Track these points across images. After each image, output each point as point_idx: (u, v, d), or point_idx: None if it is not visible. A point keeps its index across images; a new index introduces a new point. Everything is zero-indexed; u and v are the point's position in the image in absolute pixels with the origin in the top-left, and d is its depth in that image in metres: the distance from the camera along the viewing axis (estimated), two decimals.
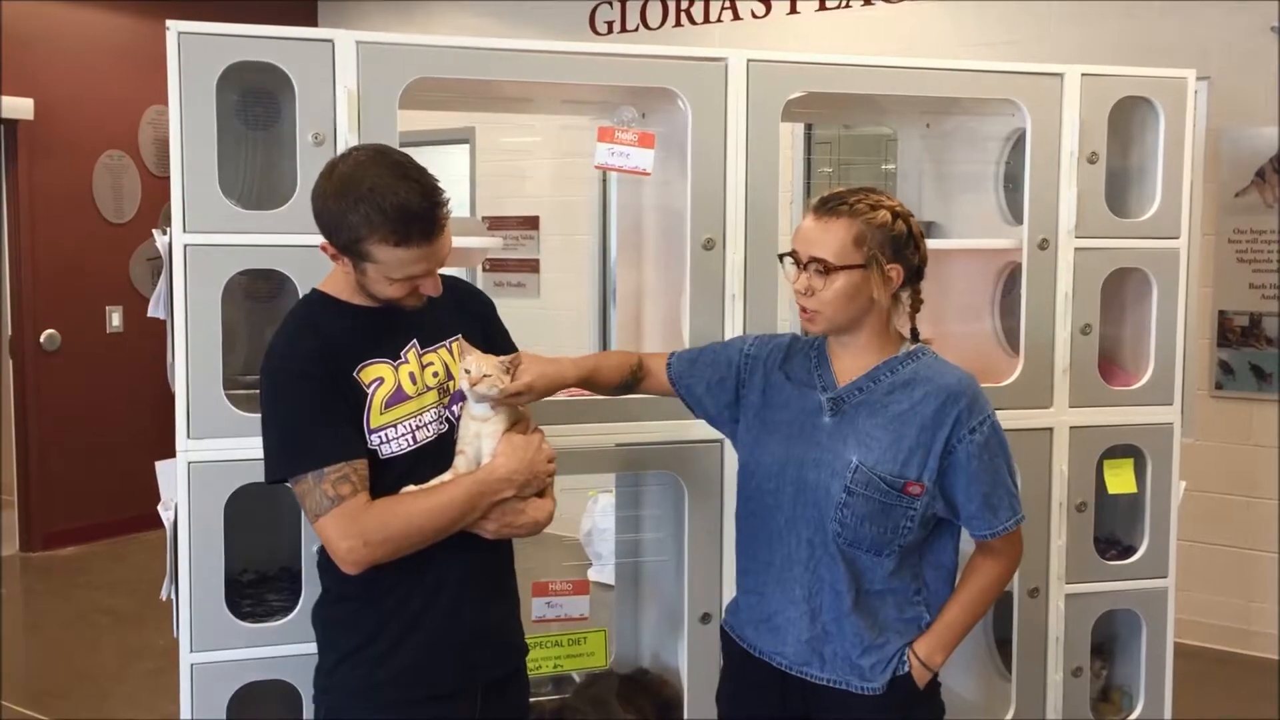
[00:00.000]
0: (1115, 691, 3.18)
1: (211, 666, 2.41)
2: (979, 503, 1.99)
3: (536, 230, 6.52)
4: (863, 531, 1.97)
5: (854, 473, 1.97)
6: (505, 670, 2.08)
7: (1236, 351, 4.71)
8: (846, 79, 2.77)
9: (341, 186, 1.84)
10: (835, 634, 2.01)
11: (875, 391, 2.02)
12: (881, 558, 2.00)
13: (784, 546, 2.05)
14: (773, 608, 2.07)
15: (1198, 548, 4.66)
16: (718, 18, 5.91)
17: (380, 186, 1.82)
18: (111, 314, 6.51)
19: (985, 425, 1.99)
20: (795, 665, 2.04)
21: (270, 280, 2.63)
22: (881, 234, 1.97)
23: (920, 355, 2.06)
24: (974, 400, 1.99)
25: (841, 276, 1.96)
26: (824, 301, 1.98)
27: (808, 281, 1.99)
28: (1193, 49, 4.60)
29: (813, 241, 1.99)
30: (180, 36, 2.33)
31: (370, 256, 1.86)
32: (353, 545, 1.85)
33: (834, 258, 1.96)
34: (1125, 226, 2.92)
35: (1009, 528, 2.02)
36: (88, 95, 6.35)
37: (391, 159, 1.88)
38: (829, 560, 2.00)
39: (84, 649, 4.85)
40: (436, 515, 1.89)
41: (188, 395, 2.37)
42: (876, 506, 1.96)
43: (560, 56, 2.59)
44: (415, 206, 1.83)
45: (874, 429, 1.99)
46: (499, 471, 1.94)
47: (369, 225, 1.82)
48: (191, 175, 2.35)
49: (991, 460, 1.99)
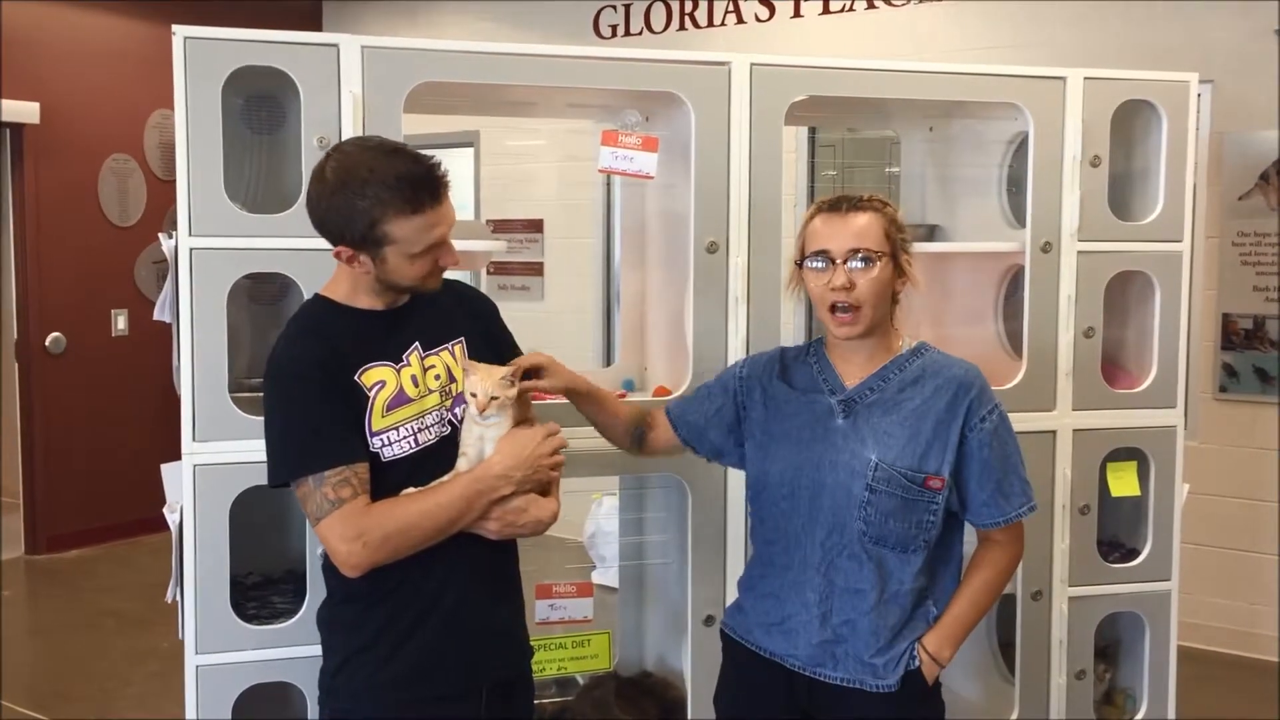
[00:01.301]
0: (1119, 694, 3.18)
1: (217, 668, 2.42)
2: (992, 490, 2.01)
3: (541, 234, 6.52)
4: (888, 528, 1.98)
5: (875, 470, 1.98)
6: (510, 672, 2.09)
7: (1240, 354, 4.71)
8: (850, 83, 2.77)
9: (341, 180, 1.87)
10: (849, 636, 2.02)
11: (887, 390, 2.03)
12: (908, 554, 2.01)
13: (800, 550, 2.05)
14: (788, 611, 2.07)
15: (1201, 551, 4.66)
16: (721, 21, 5.92)
17: (378, 166, 1.86)
18: (117, 317, 6.53)
19: (995, 413, 2.02)
20: (808, 666, 2.05)
21: (275, 284, 2.64)
22: (898, 227, 2.03)
23: (924, 351, 2.08)
24: (983, 390, 2.03)
25: (881, 266, 1.98)
26: (868, 293, 1.98)
27: (847, 275, 1.98)
28: (1196, 52, 4.60)
29: (850, 235, 1.99)
30: (186, 41, 2.34)
31: (389, 238, 1.88)
32: (352, 548, 1.85)
33: (876, 245, 1.98)
34: (1128, 230, 2.92)
35: (1022, 514, 2.04)
36: (93, 99, 6.37)
37: (374, 142, 1.94)
38: (848, 562, 2.01)
39: (89, 651, 4.86)
40: (435, 515, 1.90)
41: (193, 398, 2.38)
42: (899, 502, 1.98)
43: (564, 60, 2.60)
44: (418, 173, 1.88)
45: (890, 426, 2.00)
46: (496, 468, 1.95)
47: (380, 204, 1.85)
48: (197, 179, 2.36)
49: (1003, 447, 2.02)
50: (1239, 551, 4.75)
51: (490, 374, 1.96)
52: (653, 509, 3.12)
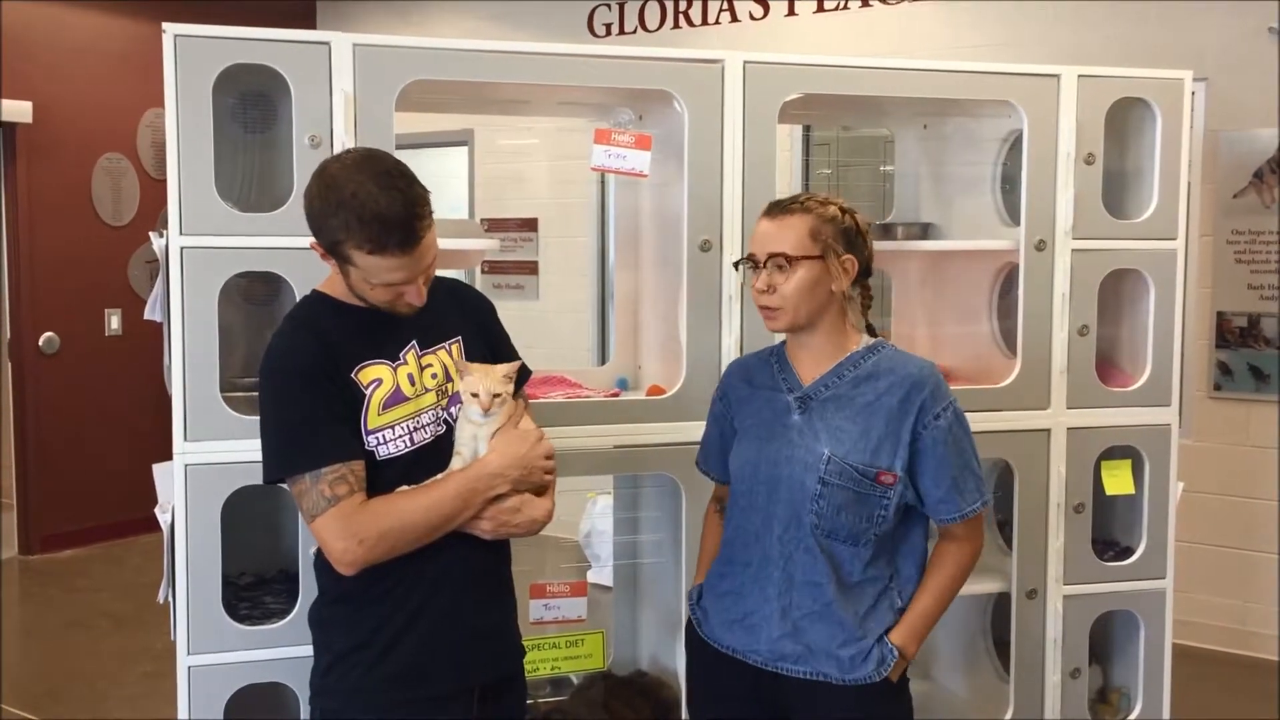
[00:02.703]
0: (1114, 693, 3.18)
1: (209, 669, 2.41)
2: (947, 486, 2.05)
3: (535, 232, 6.51)
4: (839, 521, 2.02)
5: (827, 464, 2.02)
6: (502, 672, 2.08)
7: (1235, 352, 4.71)
8: (844, 80, 2.77)
9: (326, 189, 1.85)
10: (809, 629, 2.04)
11: (840, 386, 2.08)
12: (859, 548, 2.04)
13: (760, 545, 2.09)
14: (749, 607, 2.10)
15: (1196, 549, 4.66)
16: (715, 19, 5.92)
17: (361, 193, 1.81)
18: (110, 317, 6.51)
19: (949, 411, 2.05)
20: (770, 661, 2.07)
21: (267, 283, 2.63)
22: (833, 227, 2.06)
23: (880, 349, 2.12)
24: (936, 387, 2.06)
25: (801, 268, 2.03)
26: (785, 296, 2.04)
27: (768, 279, 2.05)
28: (1190, 50, 4.60)
29: (770, 239, 2.06)
30: (177, 39, 2.33)
31: (350, 260, 1.86)
32: (347, 545, 1.85)
33: (792, 250, 2.03)
34: (1122, 228, 2.92)
35: (976, 509, 2.08)
36: (86, 98, 6.35)
37: (380, 165, 1.86)
38: (804, 555, 2.04)
39: (82, 652, 4.85)
40: (430, 512, 1.89)
41: (185, 398, 2.37)
42: (851, 496, 2.01)
43: (558, 59, 2.59)
44: (393, 216, 1.81)
45: (843, 421, 2.05)
46: (491, 466, 1.94)
47: (346, 230, 1.82)
48: (188, 178, 2.35)
49: (957, 444, 2.06)
50: (1234, 550, 4.75)
51: (490, 372, 1.97)
52: (647, 508, 3.11)
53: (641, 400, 2.75)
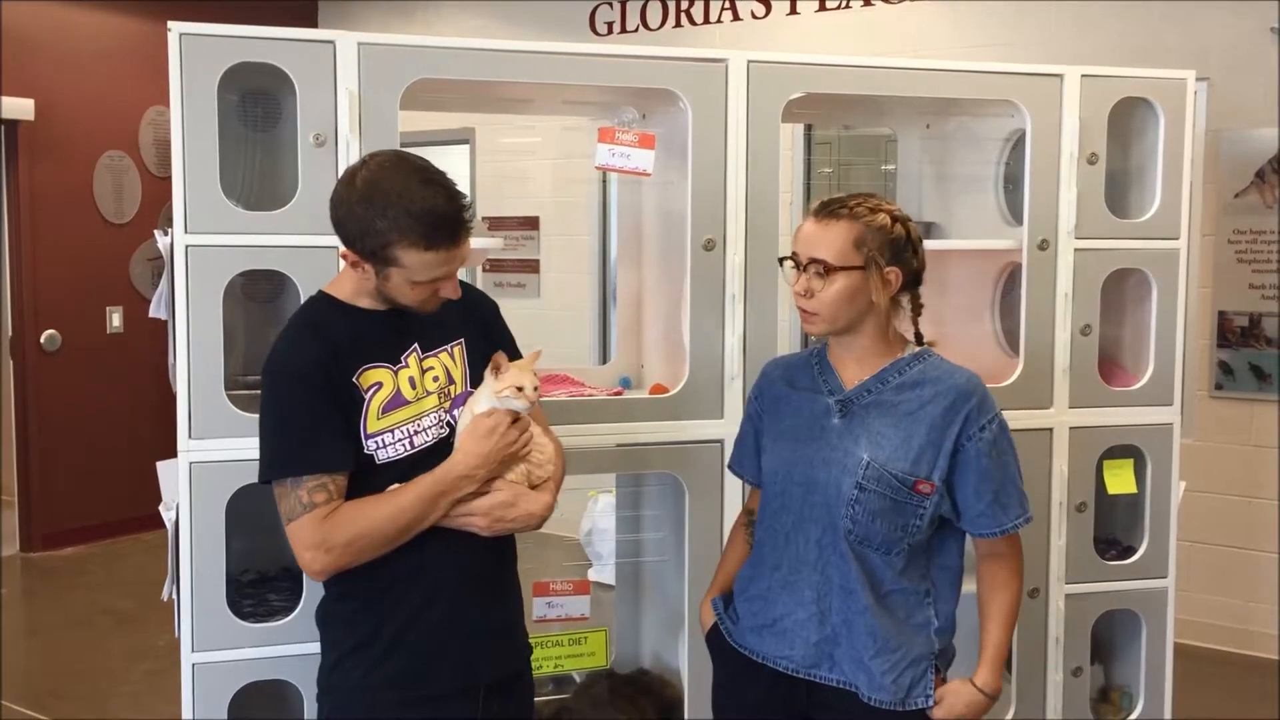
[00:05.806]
0: (1115, 692, 3.18)
1: (213, 666, 2.42)
2: (989, 500, 2.01)
3: (537, 231, 6.52)
4: (874, 529, 1.98)
5: (865, 469, 1.98)
6: (507, 671, 2.08)
7: (1236, 352, 4.71)
8: (846, 80, 2.77)
9: (368, 192, 1.85)
10: (846, 635, 2.01)
11: (884, 392, 2.04)
12: (891, 556, 2.01)
13: (792, 548, 2.06)
14: (780, 611, 2.07)
15: (1197, 548, 4.67)
16: (718, 18, 5.92)
17: (409, 193, 1.83)
18: (112, 314, 6.51)
19: (994, 423, 2.02)
20: (803, 668, 2.04)
21: (271, 281, 2.63)
22: (880, 237, 2.00)
23: (926, 357, 2.08)
24: (983, 399, 2.02)
25: (840, 278, 1.98)
26: (822, 303, 2.00)
27: (807, 283, 2.01)
28: (1192, 50, 4.60)
29: (813, 243, 2.01)
30: (182, 37, 2.33)
31: (397, 261, 1.87)
32: (315, 554, 1.87)
33: (833, 259, 1.98)
34: (1125, 227, 2.93)
35: (1019, 524, 2.04)
36: (88, 96, 6.35)
37: (414, 164, 1.89)
38: (838, 560, 2.01)
39: (85, 649, 4.85)
40: (397, 518, 1.90)
41: (189, 396, 2.38)
42: (888, 503, 1.98)
43: (560, 57, 2.60)
44: (443, 210, 1.85)
45: (885, 428, 2.01)
46: (457, 469, 1.93)
47: (398, 230, 1.83)
48: (192, 176, 2.35)
49: (1001, 458, 2.02)
50: (1235, 549, 4.75)
51: (520, 366, 1.98)
52: (649, 506, 3.12)
53: (644, 399, 2.76)
